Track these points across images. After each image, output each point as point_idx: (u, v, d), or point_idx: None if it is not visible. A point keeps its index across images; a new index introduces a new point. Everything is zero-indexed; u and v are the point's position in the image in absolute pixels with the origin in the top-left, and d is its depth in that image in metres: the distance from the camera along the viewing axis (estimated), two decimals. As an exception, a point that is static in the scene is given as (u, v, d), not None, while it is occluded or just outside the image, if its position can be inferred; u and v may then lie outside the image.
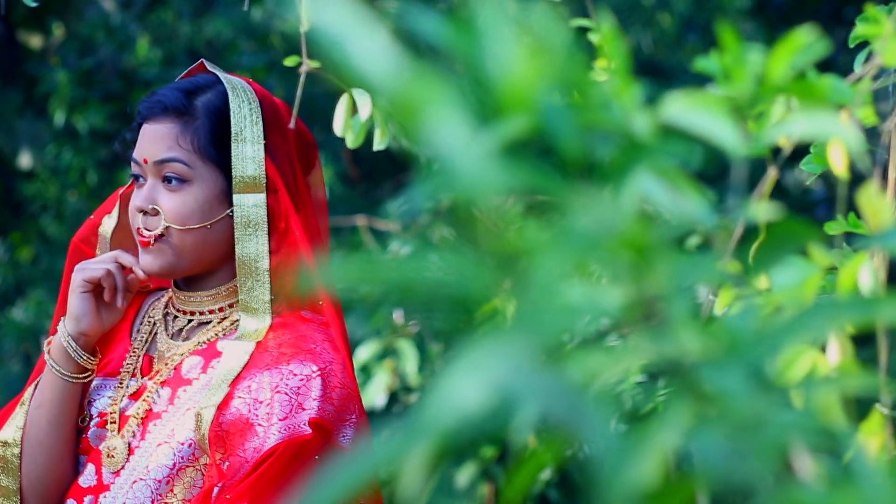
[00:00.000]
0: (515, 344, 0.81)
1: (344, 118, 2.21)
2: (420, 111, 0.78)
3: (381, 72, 0.79)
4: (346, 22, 0.81)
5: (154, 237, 2.32)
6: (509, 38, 0.79)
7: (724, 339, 0.94)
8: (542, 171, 0.82)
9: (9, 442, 2.42)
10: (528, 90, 0.78)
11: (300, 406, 2.24)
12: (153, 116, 2.36)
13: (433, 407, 0.81)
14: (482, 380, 0.81)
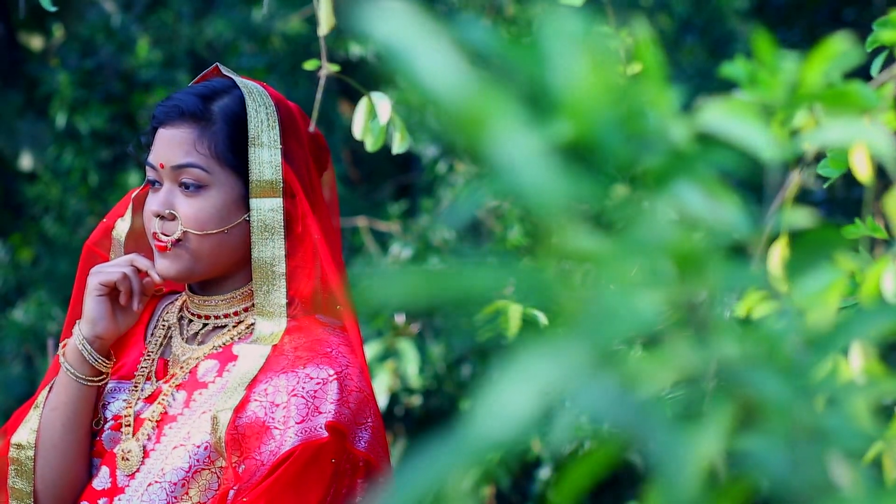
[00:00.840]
0: (567, 350, 0.82)
1: (363, 122, 2.21)
2: (484, 123, 0.79)
3: (445, 83, 0.80)
4: (410, 34, 0.81)
5: (172, 242, 2.33)
6: (570, 50, 0.80)
7: (765, 345, 0.95)
8: (599, 181, 0.82)
9: (23, 444, 2.42)
10: (589, 101, 0.78)
11: (317, 409, 2.25)
12: (170, 121, 2.36)
13: (482, 420, 0.82)
14: (533, 388, 0.81)
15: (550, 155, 0.79)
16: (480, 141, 0.79)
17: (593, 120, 0.79)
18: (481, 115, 0.78)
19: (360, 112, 2.23)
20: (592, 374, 0.80)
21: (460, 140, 0.81)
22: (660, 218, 0.85)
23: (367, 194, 7.35)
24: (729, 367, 0.88)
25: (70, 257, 6.99)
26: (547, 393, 0.81)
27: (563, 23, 0.81)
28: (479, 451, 0.81)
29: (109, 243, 2.54)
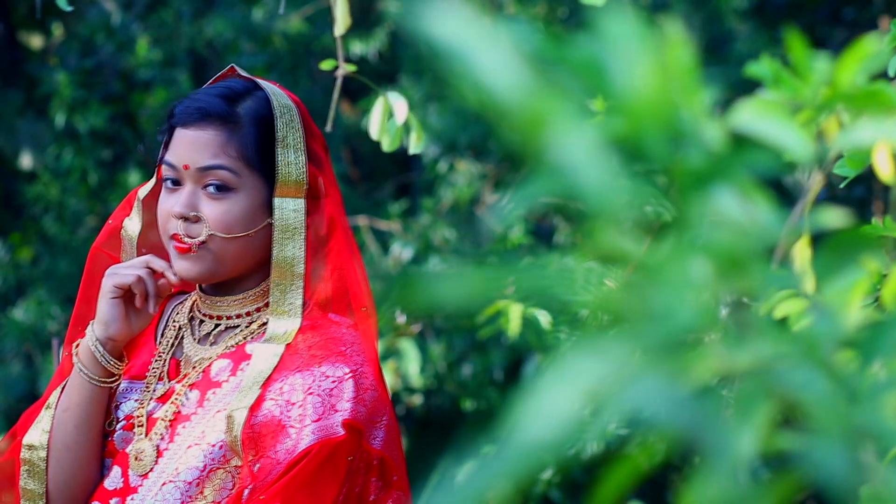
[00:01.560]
0: (615, 349, 0.82)
1: (380, 122, 2.21)
2: (544, 124, 0.79)
3: (504, 84, 0.80)
4: (468, 34, 0.81)
5: (197, 244, 2.32)
6: (633, 51, 0.80)
7: (803, 345, 0.95)
8: (649, 182, 0.82)
9: (35, 445, 2.41)
10: (654, 104, 0.78)
11: (333, 408, 2.25)
12: (193, 122, 2.34)
13: (527, 422, 0.82)
14: (578, 389, 0.81)
15: (606, 155, 0.80)
16: (538, 140, 0.79)
17: (650, 120, 0.79)
18: (540, 115, 0.78)
19: (377, 112, 2.23)
20: (644, 372, 0.80)
21: (518, 139, 0.81)
22: (703, 219, 0.85)
23: (368, 193, 7.35)
24: (769, 366, 0.88)
25: (70, 256, 6.99)
26: (593, 393, 0.81)
27: (618, 21, 0.81)
28: (525, 458, 0.81)
29: (118, 244, 2.53)
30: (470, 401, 6.67)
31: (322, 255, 2.38)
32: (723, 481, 0.80)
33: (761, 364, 0.93)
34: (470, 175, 6.92)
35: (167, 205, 2.36)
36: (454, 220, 6.89)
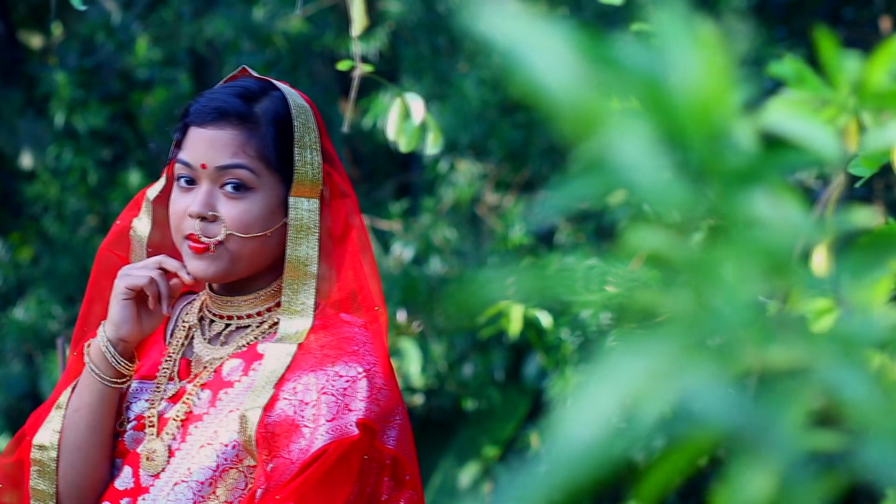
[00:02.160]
0: (660, 347, 0.82)
1: (397, 122, 2.21)
2: (600, 123, 0.79)
3: (560, 83, 0.80)
4: (525, 33, 0.81)
5: (214, 243, 2.32)
6: (688, 52, 0.80)
7: (840, 345, 0.95)
8: (703, 182, 0.82)
9: (45, 445, 2.41)
10: (710, 105, 0.78)
11: (347, 407, 2.25)
12: (210, 121, 2.34)
13: (572, 424, 0.82)
14: (622, 388, 0.81)
15: (658, 154, 0.79)
16: (591, 137, 0.79)
17: (700, 120, 0.79)
18: (593, 113, 0.78)
19: (394, 113, 2.23)
20: (690, 370, 0.80)
21: (573, 136, 0.81)
22: (746, 219, 0.85)
23: (368, 193, 7.35)
24: (809, 365, 0.88)
25: (70, 256, 6.98)
26: (637, 393, 0.80)
27: (672, 20, 0.81)
28: (573, 462, 0.81)
29: (126, 244, 2.52)
30: (471, 401, 6.67)
31: (335, 255, 2.38)
32: (768, 479, 0.80)
33: (801, 363, 0.93)
34: (471, 175, 6.92)
35: (182, 204, 2.35)
36: (455, 219, 6.89)
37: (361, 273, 2.39)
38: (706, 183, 0.84)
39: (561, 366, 6.53)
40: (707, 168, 0.81)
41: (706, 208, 0.82)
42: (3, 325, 6.88)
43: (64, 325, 6.96)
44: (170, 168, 2.47)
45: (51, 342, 6.83)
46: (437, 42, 7.19)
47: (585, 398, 0.81)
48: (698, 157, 0.80)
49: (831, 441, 0.90)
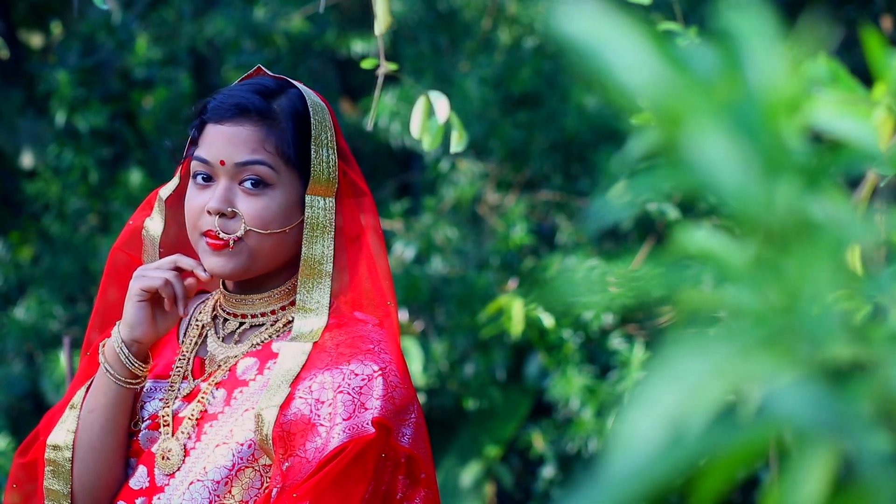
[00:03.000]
0: (721, 347, 0.81)
1: (421, 121, 2.20)
2: (681, 121, 0.78)
3: (641, 80, 0.79)
4: (605, 30, 0.81)
5: (234, 239, 2.31)
6: (769, 50, 0.79)
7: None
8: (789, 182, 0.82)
9: (60, 445, 2.40)
10: (792, 102, 0.78)
11: (363, 406, 2.25)
12: (228, 117, 2.33)
13: (631, 429, 0.81)
14: (681, 389, 0.81)
15: (742, 153, 0.79)
16: (676, 136, 0.79)
17: (785, 119, 0.78)
18: (678, 113, 0.77)
19: (418, 111, 2.22)
20: (761, 367, 0.79)
21: (656, 135, 0.80)
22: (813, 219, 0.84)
23: (369, 192, 7.33)
24: (872, 364, 0.88)
25: (71, 255, 6.97)
26: (698, 395, 0.80)
27: (752, 23, 0.81)
28: (637, 471, 0.80)
29: (139, 244, 2.52)
30: (472, 400, 6.66)
31: (350, 254, 2.38)
32: (830, 476, 0.80)
33: (866, 361, 0.93)
34: (472, 174, 6.91)
35: (199, 201, 2.34)
36: (456, 219, 6.89)
37: (375, 272, 2.39)
38: (781, 182, 0.83)
39: (562, 365, 6.53)
40: (783, 167, 0.81)
41: (781, 208, 0.82)
42: (3, 324, 6.87)
43: (65, 324, 6.94)
44: (184, 167, 2.46)
45: (52, 342, 6.82)
46: (438, 41, 7.18)
47: (649, 399, 0.81)
48: (775, 157, 0.79)
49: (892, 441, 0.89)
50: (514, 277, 6.71)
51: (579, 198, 6.95)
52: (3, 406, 6.68)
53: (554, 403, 6.70)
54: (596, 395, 6.43)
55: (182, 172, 2.45)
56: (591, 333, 6.60)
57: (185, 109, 7.65)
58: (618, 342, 6.66)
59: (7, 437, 6.25)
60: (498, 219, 6.82)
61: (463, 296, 6.61)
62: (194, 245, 2.37)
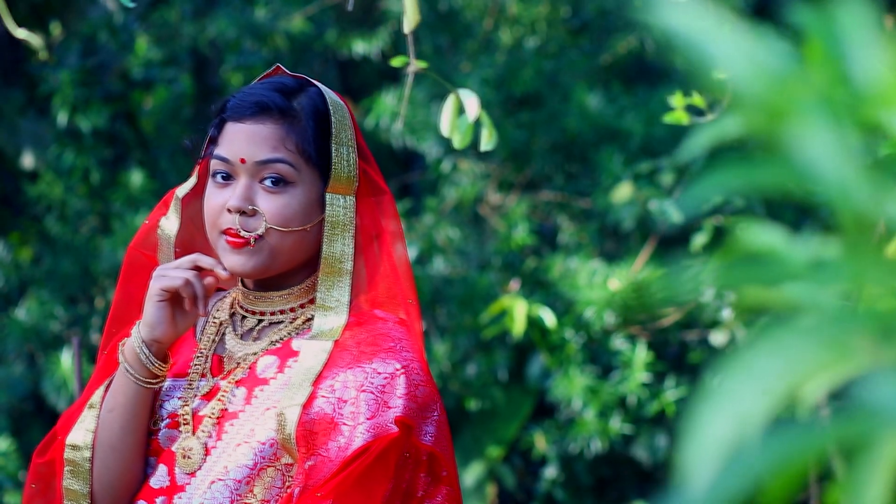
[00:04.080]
0: (803, 345, 0.81)
1: (450, 119, 2.20)
2: (786, 115, 0.78)
3: (744, 74, 0.79)
4: (706, 25, 0.80)
5: (255, 237, 2.31)
6: (874, 43, 0.79)
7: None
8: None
9: (79, 445, 2.39)
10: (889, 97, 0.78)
11: (386, 405, 2.25)
12: (249, 116, 2.33)
13: (710, 427, 0.81)
14: (764, 387, 0.80)
15: (848, 148, 0.78)
16: (779, 130, 0.78)
17: (888, 116, 0.78)
18: (783, 105, 0.77)
19: (448, 109, 2.22)
20: (847, 363, 0.79)
21: (758, 128, 0.80)
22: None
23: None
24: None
25: (72, 256, 6.96)
26: (781, 392, 0.80)
27: (854, 14, 0.80)
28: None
29: (155, 244, 2.51)
30: (474, 400, 6.66)
31: (370, 252, 2.38)
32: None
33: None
34: (473, 174, 6.91)
35: (219, 199, 2.34)
36: (458, 219, 6.89)
37: (395, 270, 2.39)
38: (890, 178, 0.82)
39: (565, 366, 6.53)
40: (890, 163, 0.80)
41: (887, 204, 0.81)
42: (4, 325, 6.86)
43: (66, 325, 6.93)
44: (201, 166, 2.46)
45: (53, 343, 6.81)
46: (440, 41, 7.18)
47: (724, 399, 0.80)
48: (883, 153, 0.79)
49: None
50: (516, 278, 6.71)
51: (581, 198, 6.94)
52: (4, 407, 6.67)
53: (556, 404, 6.70)
54: (598, 395, 6.43)
55: (202, 170, 2.45)
56: (593, 334, 6.60)
57: (186, 110, 7.64)
58: (620, 342, 6.66)
59: (8, 438, 6.24)
60: (499, 219, 6.82)
61: (465, 296, 6.60)
62: (213, 244, 2.37)
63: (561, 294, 6.58)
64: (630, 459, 6.88)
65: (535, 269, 6.77)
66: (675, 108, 2.54)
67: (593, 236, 6.79)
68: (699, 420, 0.81)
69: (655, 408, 6.51)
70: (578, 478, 6.79)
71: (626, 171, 6.56)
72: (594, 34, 7.47)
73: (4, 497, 6.16)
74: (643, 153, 6.69)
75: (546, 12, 7.13)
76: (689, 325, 6.80)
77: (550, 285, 6.63)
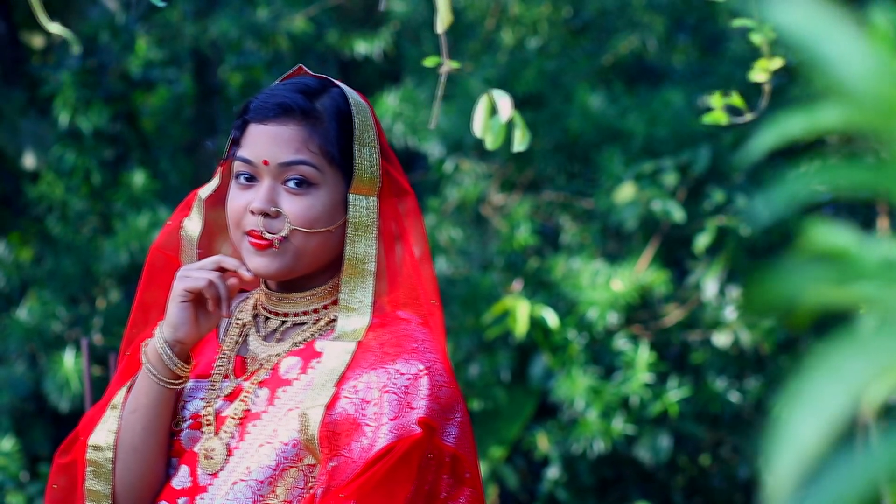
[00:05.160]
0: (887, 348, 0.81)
1: (483, 119, 2.19)
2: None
3: (857, 73, 0.78)
4: (821, 23, 0.80)
5: (279, 239, 2.31)
6: None
7: None
8: None
9: (101, 446, 2.39)
10: None
11: (409, 405, 2.24)
12: (271, 117, 2.33)
13: (796, 428, 0.81)
14: (845, 391, 0.80)
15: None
16: (891, 128, 0.78)
17: None
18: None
19: (480, 109, 2.22)
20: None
21: (868, 126, 0.79)
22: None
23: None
24: None
25: (73, 256, 6.96)
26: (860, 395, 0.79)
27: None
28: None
29: (177, 244, 2.51)
30: (477, 401, 6.66)
31: (393, 253, 2.38)
32: None
33: None
34: (475, 175, 6.91)
35: (242, 201, 2.34)
36: (460, 219, 6.89)
37: (418, 271, 2.39)
38: None
39: (567, 366, 6.53)
40: None
41: None
42: (6, 325, 6.85)
43: (67, 325, 6.93)
44: (224, 167, 2.46)
45: (54, 343, 6.80)
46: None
47: (812, 401, 0.80)
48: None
49: None
50: (519, 278, 6.71)
51: (583, 198, 6.95)
52: (5, 408, 6.66)
53: (559, 404, 6.70)
54: (601, 395, 6.44)
55: (224, 171, 2.45)
56: (595, 334, 6.60)
57: (187, 110, 7.64)
58: (623, 343, 6.66)
59: (10, 438, 6.23)
60: (502, 219, 6.82)
61: (467, 296, 6.61)
62: (237, 245, 2.36)
63: (563, 294, 6.58)
64: (632, 460, 6.88)
65: (538, 270, 6.77)
66: (714, 108, 2.55)
67: (596, 237, 6.79)
68: (787, 425, 0.80)
69: (658, 408, 6.52)
70: (581, 478, 6.80)
71: (628, 171, 6.56)
72: (596, 34, 7.48)
73: (6, 497, 6.15)
74: (645, 153, 6.69)
75: (548, 12, 7.13)
76: (692, 325, 6.80)
77: (553, 286, 6.63)
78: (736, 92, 2.50)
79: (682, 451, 7.02)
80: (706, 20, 8.66)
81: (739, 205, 6.41)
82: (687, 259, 6.92)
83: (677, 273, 6.91)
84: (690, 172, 6.56)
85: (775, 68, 2.54)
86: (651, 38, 7.43)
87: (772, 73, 2.58)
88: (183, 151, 7.43)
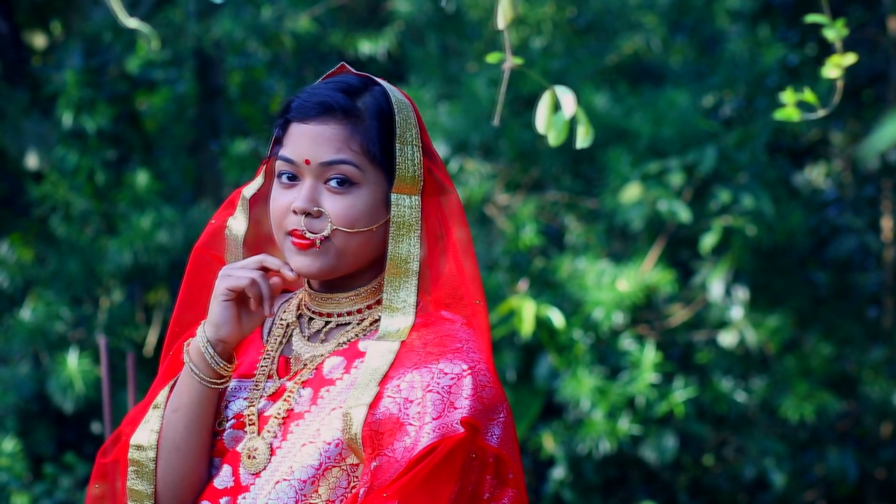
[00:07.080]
0: None
1: (546, 116, 2.19)
2: None
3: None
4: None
5: (321, 239, 2.30)
6: None
7: None
8: None
9: (143, 445, 2.38)
10: None
11: (452, 405, 2.24)
12: (313, 116, 2.32)
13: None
14: None
15: None
16: None
17: None
18: None
19: (543, 106, 2.21)
20: None
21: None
22: None
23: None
24: None
25: (77, 257, 6.94)
26: None
27: None
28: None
29: (221, 244, 2.50)
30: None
31: (437, 252, 2.37)
32: None
33: None
34: (480, 175, 6.91)
35: (284, 200, 2.33)
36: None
37: (462, 270, 2.38)
38: None
39: (573, 366, 6.53)
40: None
41: None
42: (9, 326, 6.83)
43: (71, 326, 6.91)
44: (267, 166, 2.45)
45: (58, 343, 6.78)
46: (446, 42, 7.18)
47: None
48: None
49: None
50: (524, 278, 6.71)
51: (588, 198, 6.95)
52: (10, 407, 6.64)
53: (564, 404, 6.70)
54: (606, 395, 6.44)
55: (268, 170, 2.44)
56: (601, 334, 6.60)
57: (190, 110, 7.62)
58: (628, 343, 6.66)
59: (14, 438, 6.22)
60: (507, 219, 6.82)
61: (473, 296, 6.60)
62: (280, 244, 2.36)
63: (569, 294, 6.58)
64: (638, 460, 6.88)
65: (543, 270, 6.77)
66: (786, 105, 2.55)
67: (601, 237, 6.80)
68: None
69: (664, 408, 6.52)
70: (586, 478, 6.80)
71: (633, 171, 6.56)
72: (600, 34, 7.48)
73: (11, 498, 6.13)
74: (651, 153, 6.69)
75: (552, 12, 7.13)
76: (697, 325, 6.81)
77: (558, 286, 6.63)
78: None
79: (688, 452, 7.02)
80: (704, 21, 8.65)
81: (745, 205, 6.41)
82: (693, 259, 6.92)
83: (683, 273, 6.92)
84: (696, 172, 6.56)
85: (848, 64, 2.55)
86: (654, 38, 7.43)
87: (844, 69, 2.59)
88: (185, 151, 7.42)
